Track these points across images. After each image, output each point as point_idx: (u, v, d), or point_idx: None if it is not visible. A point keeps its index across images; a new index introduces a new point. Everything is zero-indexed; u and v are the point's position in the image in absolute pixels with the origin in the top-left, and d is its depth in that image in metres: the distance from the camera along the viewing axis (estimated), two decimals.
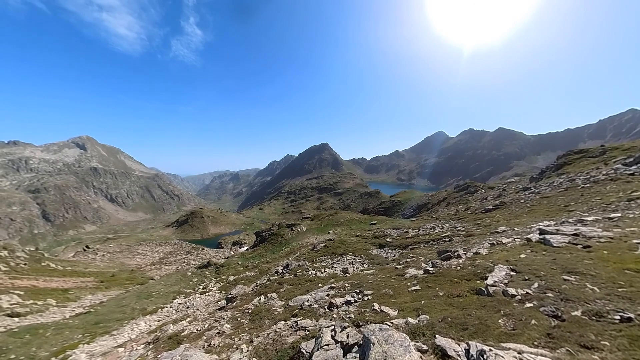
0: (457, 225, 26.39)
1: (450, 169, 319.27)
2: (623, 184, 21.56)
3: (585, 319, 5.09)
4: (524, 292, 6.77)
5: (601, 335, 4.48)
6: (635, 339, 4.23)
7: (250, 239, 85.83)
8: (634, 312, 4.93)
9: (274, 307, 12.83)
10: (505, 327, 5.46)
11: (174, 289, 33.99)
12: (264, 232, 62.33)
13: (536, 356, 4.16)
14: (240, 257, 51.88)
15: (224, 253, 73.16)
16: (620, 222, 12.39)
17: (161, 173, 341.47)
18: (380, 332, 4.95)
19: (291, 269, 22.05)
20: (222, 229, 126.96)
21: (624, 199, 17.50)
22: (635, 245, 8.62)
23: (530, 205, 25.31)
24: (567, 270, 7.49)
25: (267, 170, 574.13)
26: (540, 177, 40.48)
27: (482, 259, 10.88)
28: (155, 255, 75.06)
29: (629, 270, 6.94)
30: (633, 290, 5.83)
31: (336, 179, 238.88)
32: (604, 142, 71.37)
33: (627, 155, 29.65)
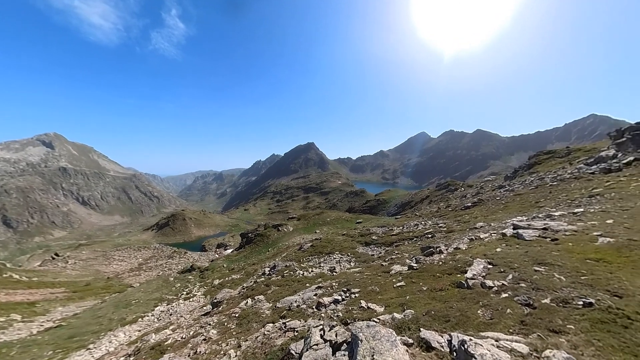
0: (438, 222, 27.44)
1: (432, 168, 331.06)
2: (585, 182, 23.49)
3: (554, 305, 5.54)
4: (500, 283, 7.23)
5: (567, 320, 4.90)
6: (596, 322, 4.69)
7: (236, 240, 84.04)
8: (594, 298, 5.44)
9: (261, 310, 12.71)
10: (484, 317, 5.81)
11: (155, 296, 32.56)
12: (249, 233, 61.28)
13: (511, 342, 4.48)
14: (225, 259, 50.67)
15: (208, 256, 71.09)
16: (582, 216, 13.51)
17: (139, 173, 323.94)
18: (368, 328, 5.05)
19: (278, 270, 21.89)
20: (206, 231, 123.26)
21: (585, 196, 19.10)
22: (596, 237, 9.46)
23: (505, 202, 26.87)
24: (537, 261, 8.08)
25: (253, 169, 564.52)
26: (513, 176, 43.05)
27: (462, 254, 11.43)
28: (134, 261, 71.39)
29: (590, 260, 7.62)
30: (594, 278, 6.42)
31: (322, 179, 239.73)
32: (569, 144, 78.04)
33: (588, 156, 32.28)
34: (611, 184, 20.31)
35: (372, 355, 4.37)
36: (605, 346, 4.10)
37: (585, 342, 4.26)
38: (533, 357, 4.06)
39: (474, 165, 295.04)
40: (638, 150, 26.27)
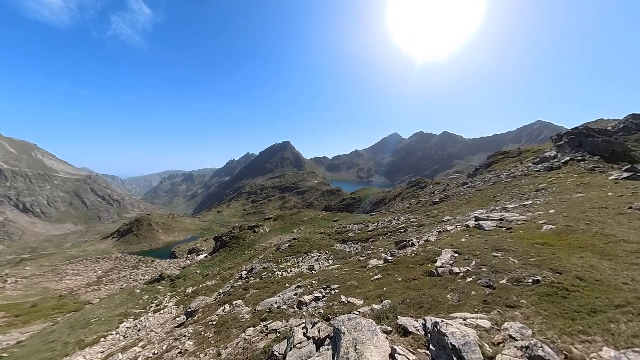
0: (410, 217, 29.04)
1: (403, 167, 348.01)
2: (532, 178, 26.62)
3: (509, 285, 6.30)
4: (465, 269, 7.98)
5: (520, 296, 5.63)
6: (543, 295, 5.46)
7: (209, 244, 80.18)
8: (540, 276, 6.30)
9: (240, 315, 12.41)
10: (453, 300, 6.40)
11: (119, 312, 29.82)
12: (223, 236, 58.90)
13: (476, 319, 5.03)
14: (198, 265, 48.11)
15: (178, 263, 66.81)
16: (531, 208, 15.35)
17: (95, 174, 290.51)
18: (349, 321, 5.25)
19: (256, 273, 21.46)
20: (175, 236, 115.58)
21: (533, 190, 21.70)
22: (541, 225, 10.85)
23: (468, 197, 29.34)
24: (495, 248, 9.05)
25: (226, 169, 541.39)
26: (475, 174, 47.10)
27: (432, 245, 12.32)
28: (92, 274, 64.34)
29: (537, 244, 8.74)
30: (540, 259, 7.40)
31: (299, 178, 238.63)
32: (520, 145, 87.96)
33: (535, 157, 36.55)
34: (553, 180, 23.31)
35: (354, 346, 4.56)
36: (550, 314, 4.82)
37: (535, 312, 4.96)
38: (494, 330, 4.61)
39: (440, 164, 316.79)
40: (573, 151, 30.45)
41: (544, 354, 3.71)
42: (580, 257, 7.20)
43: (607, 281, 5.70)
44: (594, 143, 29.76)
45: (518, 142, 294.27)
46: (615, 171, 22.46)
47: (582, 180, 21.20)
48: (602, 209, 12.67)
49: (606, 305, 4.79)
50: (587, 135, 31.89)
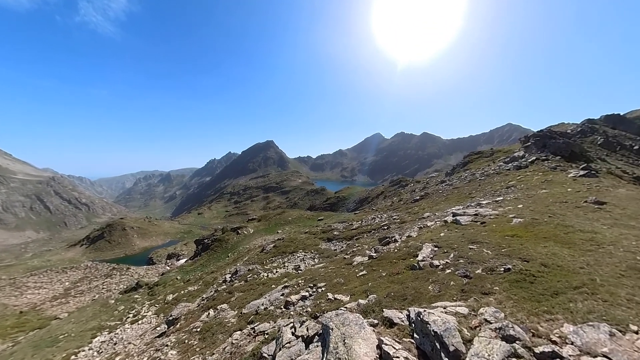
0: (393, 214, 29.94)
1: (386, 166, 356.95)
2: (503, 176, 28.52)
3: (484, 274, 6.80)
4: (444, 262, 8.45)
5: (494, 284, 6.10)
6: (513, 282, 5.97)
7: (190, 248, 77.09)
8: (511, 264, 6.86)
9: (226, 319, 12.15)
10: (434, 291, 6.77)
11: (92, 325, 27.80)
12: (205, 239, 57.00)
13: (455, 307, 5.38)
14: (179, 271, 46.15)
15: (157, 269, 63.51)
16: (502, 203, 16.49)
17: (60, 176, 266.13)
18: (337, 317, 5.37)
19: (241, 275, 21.07)
20: (153, 241, 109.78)
21: (504, 187, 23.29)
22: (511, 219, 11.72)
23: (446, 194, 30.80)
24: (471, 241, 9.66)
25: (206, 169, 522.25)
26: (452, 173, 49.49)
27: (414, 241, 12.85)
28: (58, 286, 59.17)
29: (507, 236, 9.46)
30: (510, 250, 8.04)
31: (282, 178, 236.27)
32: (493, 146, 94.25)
33: (506, 156, 39.15)
34: (521, 178, 25.15)
35: (343, 340, 4.69)
36: (520, 298, 5.30)
37: (507, 297, 5.42)
38: (472, 315, 4.98)
39: (421, 164, 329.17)
40: (538, 152, 33.01)
41: (515, 333, 4.09)
42: (545, 246, 7.92)
43: (567, 267, 6.35)
44: (556, 144, 32.51)
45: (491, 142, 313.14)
46: (573, 169, 24.69)
47: (546, 177, 23.10)
48: (562, 203, 13.93)
49: (566, 288, 5.35)
50: (550, 137, 34.77)
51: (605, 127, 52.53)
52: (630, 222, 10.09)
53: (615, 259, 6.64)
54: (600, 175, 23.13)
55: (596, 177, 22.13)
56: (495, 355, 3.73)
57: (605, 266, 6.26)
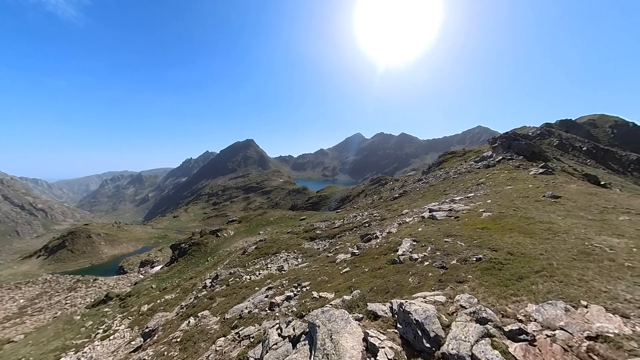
0: (373, 212, 30.74)
1: (366, 165, 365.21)
2: (474, 174, 30.52)
3: (459, 264, 7.29)
4: (423, 255, 8.91)
5: (467, 272, 6.58)
6: (484, 270, 6.48)
7: (165, 254, 73.05)
8: (482, 254, 7.43)
9: (208, 326, 11.75)
10: (414, 283, 7.13)
11: (54, 346, 25.24)
12: (182, 243, 54.33)
13: (434, 296, 5.74)
14: (154, 279, 43.51)
15: (129, 279, 59.30)
16: (473, 199, 17.68)
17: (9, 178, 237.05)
18: (323, 314, 5.47)
19: (222, 279, 20.45)
20: (123, 248, 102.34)
21: (475, 184, 24.96)
22: (481, 213, 12.63)
23: (423, 192, 32.27)
24: (446, 234, 10.28)
25: (182, 169, 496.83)
26: (428, 171, 51.93)
27: (394, 236, 13.35)
28: (11, 305, 52.76)
29: (478, 229, 10.19)
30: (480, 241, 8.69)
31: (263, 177, 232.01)
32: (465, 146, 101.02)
33: (476, 156, 41.92)
34: (489, 176, 27.11)
35: (330, 336, 4.78)
36: (490, 284, 5.78)
37: (479, 284, 5.88)
38: (449, 302, 5.34)
39: (399, 163, 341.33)
40: (504, 152, 35.77)
41: (487, 315, 4.48)
42: (510, 236, 8.66)
43: (529, 254, 7.02)
44: (520, 145, 35.52)
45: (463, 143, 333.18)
46: (534, 168, 27.11)
47: (511, 175, 25.13)
48: (525, 198, 15.27)
49: (529, 272, 5.93)
50: (514, 139, 37.90)
51: (559, 131, 58.39)
52: (580, 213, 11.35)
53: (568, 245, 7.47)
54: (556, 173, 25.64)
55: (552, 175, 24.50)
56: (470, 336, 4.06)
57: (560, 252, 7.02)
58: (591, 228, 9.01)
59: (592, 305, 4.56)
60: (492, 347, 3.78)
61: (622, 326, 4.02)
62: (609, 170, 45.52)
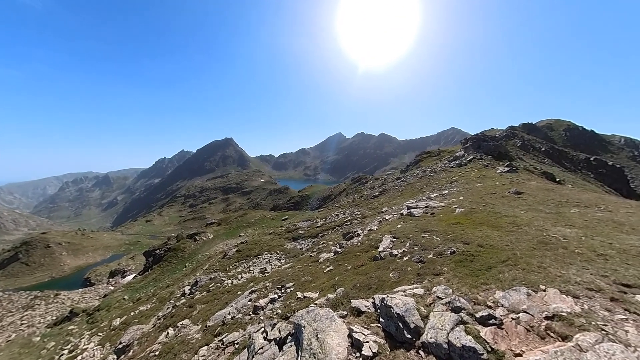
0: (355, 210, 31.36)
1: (347, 165, 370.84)
2: (448, 173, 32.31)
3: (435, 258, 7.74)
4: (402, 250, 9.32)
5: (443, 265, 7.02)
6: (457, 262, 6.96)
7: (138, 262, 68.61)
8: (455, 247, 7.95)
9: (189, 336, 11.30)
10: (394, 277, 7.45)
11: None
12: (157, 249, 51.41)
13: (413, 289, 6.05)
14: (126, 289, 40.65)
15: (97, 291, 54.76)
16: (447, 196, 18.72)
17: None
18: (308, 314, 5.52)
19: (202, 286, 19.72)
20: (89, 257, 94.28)
21: (449, 182, 26.43)
22: (454, 209, 13.44)
23: (402, 190, 33.51)
24: (423, 230, 10.83)
25: (155, 169, 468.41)
26: (406, 170, 53.96)
27: (375, 234, 13.77)
28: None
29: (452, 224, 10.86)
30: (454, 235, 9.28)
31: (243, 177, 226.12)
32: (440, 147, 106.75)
33: (450, 156, 44.39)
34: (462, 174, 28.85)
35: (316, 336, 4.86)
36: (463, 275, 6.23)
37: (453, 276, 6.31)
38: (427, 294, 5.67)
39: (379, 162, 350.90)
40: (475, 152, 38.30)
41: (461, 304, 4.83)
42: (480, 230, 9.35)
43: (497, 245, 7.64)
44: (488, 146, 38.31)
45: (438, 143, 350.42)
46: (500, 167, 29.31)
47: (481, 173, 26.97)
48: (493, 194, 16.48)
49: (497, 262, 6.47)
50: (483, 140, 40.79)
51: (522, 133, 63.82)
52: (539, 207, 12.52)
53: (529, 236, 8.23)
54: (519, 171, 27.97)
55: (516, 173, 26.68)
56: (447, 325, 4.37)
57: (523, 242, 7.73)
58: (548, 220, 9.99)
59: (549, 288, 5.11)
60: (465, 333, 4.10)
61: (573, 305, 4.55)
62: (563, 168, 50.56)
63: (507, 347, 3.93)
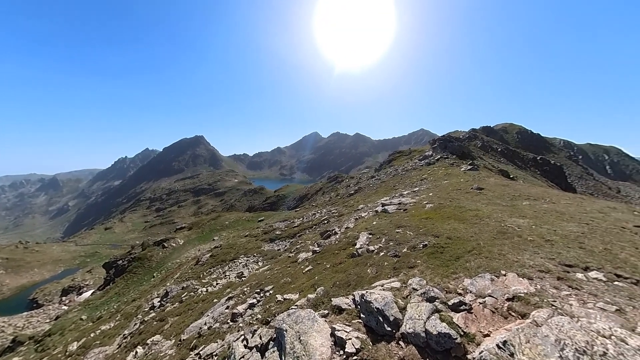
0: (331, 209, 31.73)
1: (323, 164, 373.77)
2: (419, 171, 34.20)
3: (409, 251, 8.15)
4: (378, 246, 9.66)
5: (417, 258, 7.42)
6: (429, 254, 7.41)
7: (97, 276, 62.09)
8: (427, 241, 8.45)
9: (162, 353, 10.52)
10: (372, 273, 7.69)
11: None
12: (119, 260, 46.93)
13: (390, 283, 6.30)
14: (83, 308, 36.41)
15: (47, 313, 48.29)
16: (418, 193, 19.81)
17: None
18: (289, 317, 5.47)
19: (173, 296, 18.48)
20: (35, 274, 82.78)
21: (419, 180, 27.98)
22: (425, 205, 14.26)
23: (376, 188, 34.69)
24: (397, 226, 11.33)
25: (114, 170, 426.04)
26: (380, 169, 56.00)
27: (351, 231, 14.08)
28: None
29: (423, 219, 11.52)
30: (426, 229, 9.85)
31: (216, 178, 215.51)
32: (411, 147, 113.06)
33: (420, 155, 47.04)
34: (431, 172, 30.73)
35: (299, 338, 4.83)
36: (435, 266, 6.65)
37: (426, 267, 6.70)
38: (403, 287, 5.95)
39: (354, 161, 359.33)
40: (442, 152, 41.14)
41: (434, 294, 5.15)
42: (448, 224, 10.05)
43: (463, 237, 8.28)
44: (453, 146, 41.48)
45: (409, 143, 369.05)
46: (464, 165, 31.80)
47: (447, 171, 28.98)
48: (458, 190, 17.80)
49: (464, 252, 7.01)
50: (449, 141, 44.11)
51: (482, 135, 70.19)
52: (497, 201, 13.82)
53: (490, 227, 9.05)
54: (480, 169, 30.63)
55: (477, 171, 29.15)
56: (423, 314, 4.63)
57: (485, 233, 8.47)
58: (505, 212, 11.08)
59: (509, 273, 5.67)
60: (440, 321, 4.38)
61: (528, 286, 5.11)
62: (516, 166, 56.52)
63: (477, 329, 4.29)
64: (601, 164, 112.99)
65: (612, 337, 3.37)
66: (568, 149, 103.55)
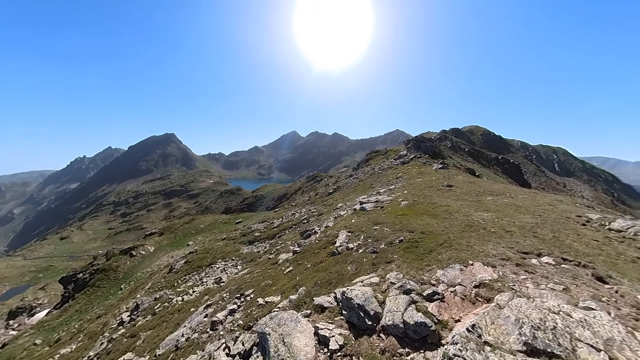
0: (311, 208, 31.80)
1: (302, 163, 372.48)
2: (394, 170, 35.59)
3: (386, 247, 8.50)
4: (357, 244, 9.93)
5: (393, 253, 7.77)
6: (405, 249, 7.80)
7: (53, 293, 55.72)
8: (402, 236, 8.88)
9: None
10: (352, 270, 7.90)
11: None
12: (79, 273, 42.59)
13: (370, 279, 6.53)
14: (36, 331, 32.39)
15: None
16: (394, 191, 20.63)
17: None
18: (271, 320, 5.45)
19: (145, 309, 17.30)
20: None
21: (395, 178, 29.13)
22: (400, 202, 14.92)
23: (354, 187, 35.43)
24: (375, 223, 11.73)
25: (70, 172, 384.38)
26: (358, 168, 57.31)
27: (331, 230, 14.28)
28: None
29: (399, 215, 12.05)
30: (401, 225, 10.33)
31: (189, 179, 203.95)
32: (387, 146, 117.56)
33: (396, 155, 49.03)
34: (405, 171, 32.15)
35: (282, 341, 4.83)
36: (410, 260, 7.03)
37: (402, 261, 7.05)
38: (382, 282, 6.20)
39: (332, 160, 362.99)
40: (416, 151, 43.31)
41: (411, 286, 5.45)
42: (422, 219, 10.64)
43: (435, 231, 8.84)
44: (426, 146, 43.91)
45: (385, 143, 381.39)
46: (435, 164, 33.76)
47: (420, 170, 30.54)
48: (430, 188, 18.87)
49: (436, 246, 7.49)
50: (422, 141, 46.66)
51: (451, 136, 75.27)
52: (465, 197, 14.91)
53: (459, 221, 9.76)
54: (449, 168, 32.73)
55: (447, 169, 31.12)
56: (401, 306, 4.88)
57: (455, 227, 9.12)
58: (472, 207, 11.99)
59: (475, 262, 6.18)
60: (416, 311, 4.67)
61: (492, 274, 5.62)
62: (481, 165, 61.37)
63: (449, 316, 4.64)
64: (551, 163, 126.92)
65: (560, 312, 3.85)
66: (524, 149, 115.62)
